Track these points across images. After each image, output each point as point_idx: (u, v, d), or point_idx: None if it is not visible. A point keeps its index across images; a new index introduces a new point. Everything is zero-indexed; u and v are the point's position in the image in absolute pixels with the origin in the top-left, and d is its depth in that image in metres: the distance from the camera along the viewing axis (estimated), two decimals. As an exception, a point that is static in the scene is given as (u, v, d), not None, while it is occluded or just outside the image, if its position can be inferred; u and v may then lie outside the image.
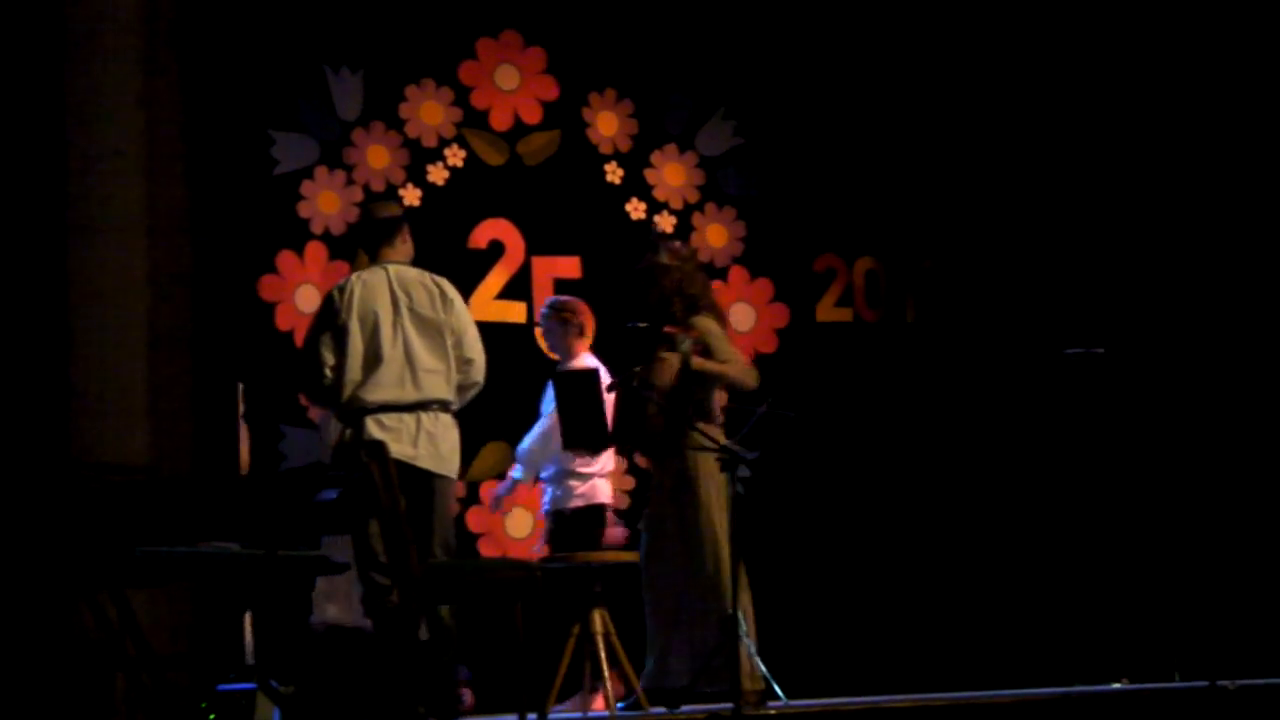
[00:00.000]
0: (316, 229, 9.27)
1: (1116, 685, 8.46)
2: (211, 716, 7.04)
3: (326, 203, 9.32)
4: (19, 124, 7.65)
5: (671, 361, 7.67)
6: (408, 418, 7.04)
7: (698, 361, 7.63)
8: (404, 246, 7.34)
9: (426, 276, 7.23)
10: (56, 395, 7.49)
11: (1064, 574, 9.77)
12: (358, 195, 9.34)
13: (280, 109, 9.29)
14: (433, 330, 7.12)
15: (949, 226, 10.21)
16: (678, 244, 8.19)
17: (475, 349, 7.26)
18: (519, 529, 9.39)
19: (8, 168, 7.60)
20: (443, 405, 7.12)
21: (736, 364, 7.80)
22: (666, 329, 7.78)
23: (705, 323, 7.83)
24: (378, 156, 9.44)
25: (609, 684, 8.17)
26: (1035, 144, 10.28)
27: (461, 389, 7.22)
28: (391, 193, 9.41)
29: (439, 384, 7.12)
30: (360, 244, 7.56)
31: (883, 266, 10.14)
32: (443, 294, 7.19)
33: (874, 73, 10.18)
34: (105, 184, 7.81)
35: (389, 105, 9.50)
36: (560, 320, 8.44)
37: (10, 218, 7.58)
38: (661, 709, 7.95)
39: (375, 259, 7.27)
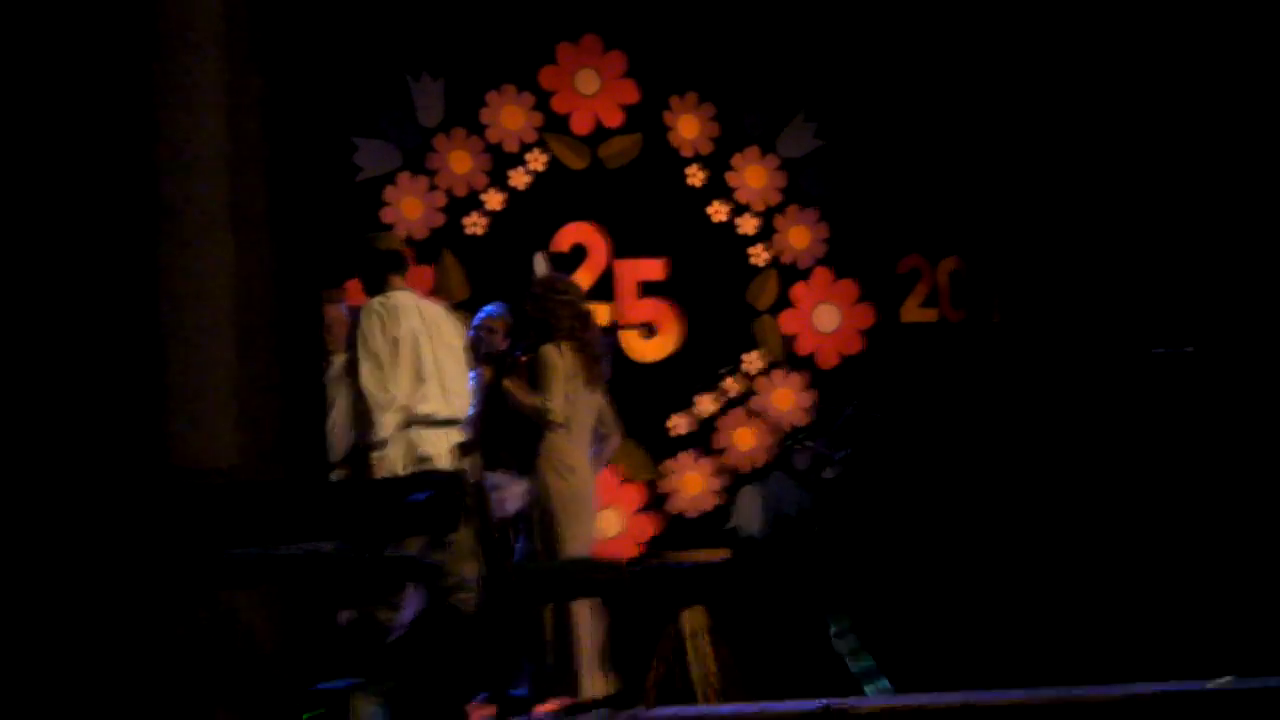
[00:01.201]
0: (399, 234, 9.22)
1: (1221, 681, 8.36)
2: (307, 717, 7.12)
3: (409, 209, 9.41)
4: (107, 125, 7.60)
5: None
6: (442, 432, 7.41)
7: (506, 382, 7.78)
8: (405, 277, 7.80)
9: (444, 307, 7.83)
10: (149, 399, 7.39)
11: (1165, 569, 9.59)
12: (440, 201, 9.45)
13: (362, 116, 9.37)
14: (457, 357, 7.56)
15: (1035, 225, 10.13)
16: (556, 276, 8.30)
17: None
18: (609, 529, 9.34)
19: (96, 168, 7.54)
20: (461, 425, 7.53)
21: (538, 400, 7.93)
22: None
23: (547, 352, 7.96)
24: (460, 162, 9.51)
25: (707, 683, 8.27)
26: (1124, 140, 10.17)
27: None
28: (474, 198, 9.48)
29: (464, 405, 7.57)
30: (366, 272, 7.84)
31: (968, 266, 10.08)
32: (458, 328, 7.72)
33: (956, 70, 10.14)
34: (191, 188, 7.62)
35: (470, 111, 9.55)
36: (488, 330, 8.45)
37: (100, 220, 7.60)
38: (755, 707, 8.04)
39: (384, 286, 7.65)
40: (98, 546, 6.60)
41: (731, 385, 9.76)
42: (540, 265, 8.89)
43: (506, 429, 8.07)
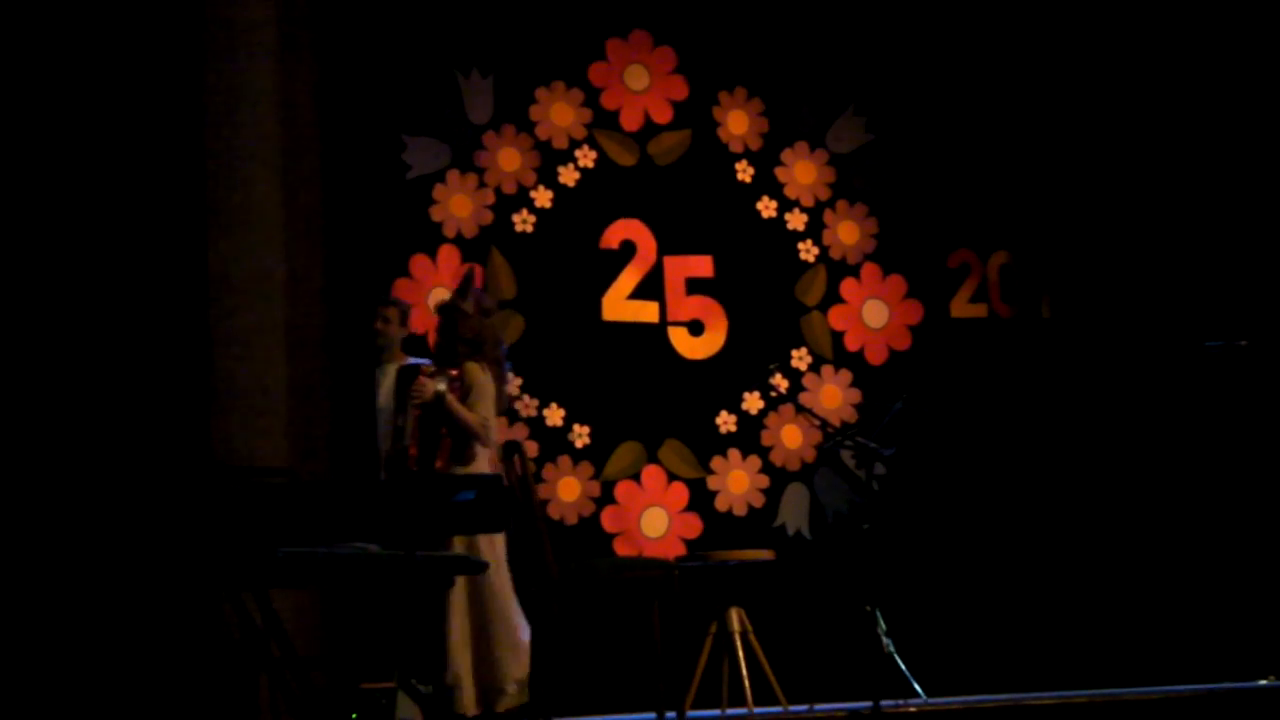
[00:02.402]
0: (449, 233, 9.37)
1: (1264, 682, 8.40)
2: (354, 716, 7.17)
3: (459, 206, 9.42)
4: (160, 128, 7.78)
5: (428, 387, 7.89)
6: None
7: (450, 399, 7.80)
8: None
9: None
10: (199, 398, 7.59)
11: (1211, 569, 9.66)
12: (490, 199, 9.46)
13: (412, 114, 9.39)
14: None
15: (1085, 219, 10.12)
16: (484, 295, 8.30)
17: None
18: (654, 529, 9.43)
19: (150, 171, 7.73)
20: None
21: (479, 419, 7.94)
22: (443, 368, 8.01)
23: (475, 371, 7.95)
24: (509, 159, 9.52)
25: (748, 685, 8.22)
26: (1176, 134, 10.18)
27: None
28: (523, 195, 9.49)
29: None
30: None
31: (1017, 261, 10.08)
32: None
33: (1006, 65, 10.14)
34: (242, 189, 7.93)
35: (519, 108, 9.58)
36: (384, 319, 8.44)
37: (153, 221, 7.71)
38: (803, 707, 8.08)
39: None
40: (151, 542, 6.53)
41: (780, 382, 9.74)
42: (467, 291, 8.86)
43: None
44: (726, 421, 9.64)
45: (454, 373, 7.85)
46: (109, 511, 6.78)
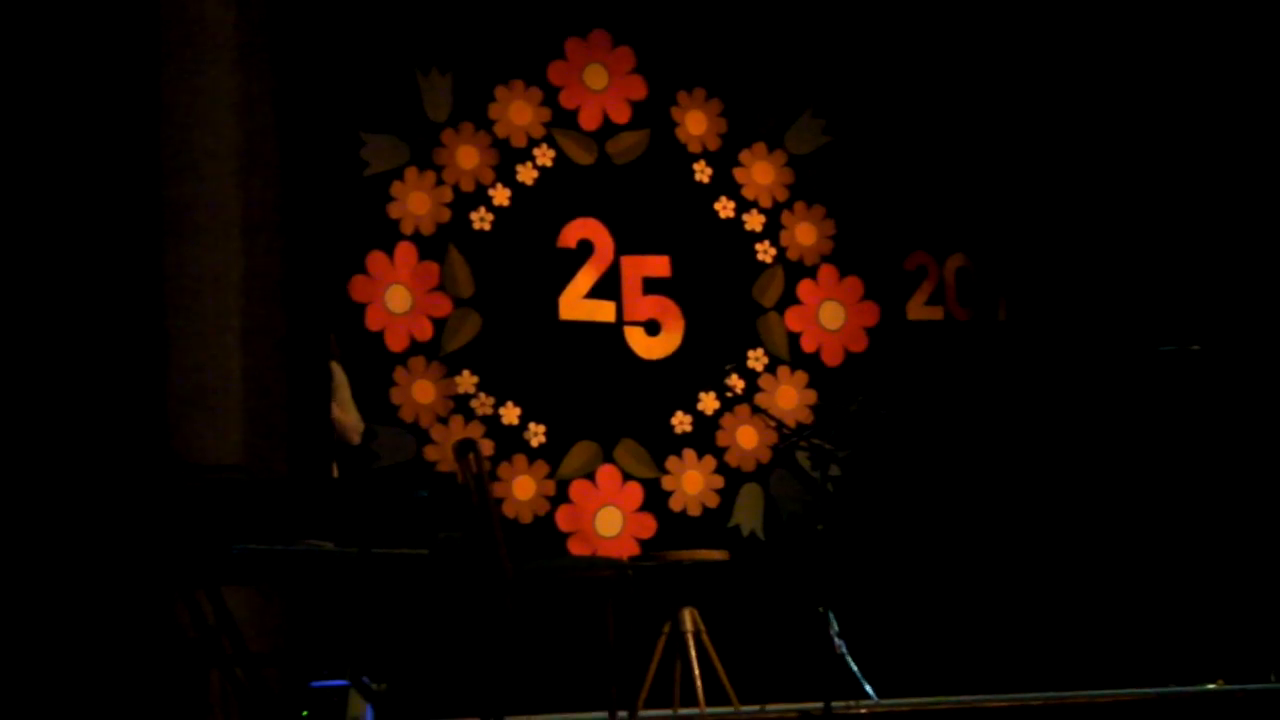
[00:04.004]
0: (406, 230, 9.38)
1: (1212, 686, 8.44)
2: (305, 714, 7.16)
3: (416, 204, 9.43)
4: (115, 126, 7.69)
5: None
6: None
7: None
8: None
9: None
10: (154, 395, 7.51)
11: (1159, 572, 9.70)
12: (447, 196, 9.46)
13: (370, 111, 9.39)
14: None
15: (1041, 222, 10.16)
16: None
17: None
18: (609, 528, 9.46)
19: (104, 169, 7.65)
20: None
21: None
22: None
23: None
24: (467, 157, 9.52)
25: (700, 686, 8.25)
26: (1130, 138, 10.22)
27: None
28: (481, 193, 9.49)
29: None
30: None
31: (974, 264, 10.10)
32: None
33: (964, 67, 10.17)
34: (198, 186, 7.81)
35: (478, 106, 9.58)
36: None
37: (107, 220, 7.63)
38: (755, 707, 8.11)
39: None
40: (104, 539, 6.56)
41: (735, 383, 9.74)
42: None
43: None
44: (682, 422, 9.66)
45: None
46: (60, 508, 6.83)
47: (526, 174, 9.61)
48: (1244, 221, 10.25)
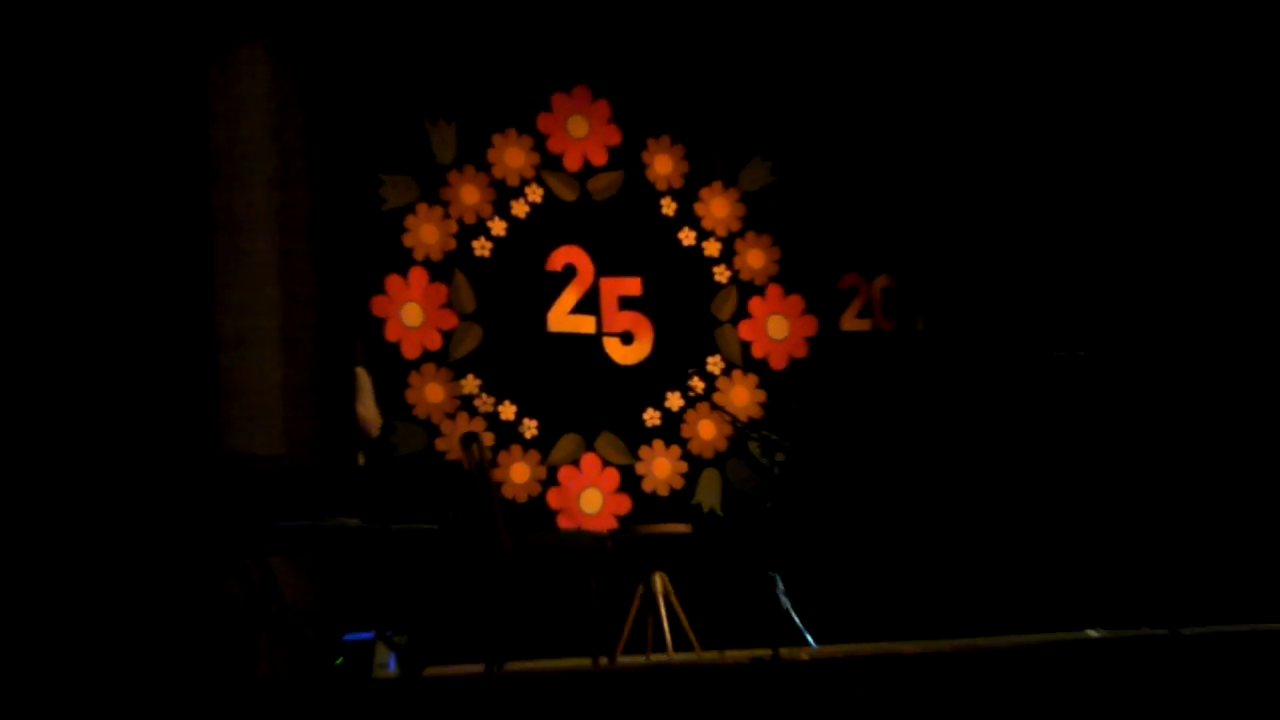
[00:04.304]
0: (418, 256, 9.37)
1: (1091, 633, 8.41)
2: (339, 661, 7.20)
3: (427, 234, 9.41)
4: (174, 170, 7.63)
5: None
6: None
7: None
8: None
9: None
10: (210, 399, 7.53)
11: (1050, 537, 9.65)
12: (453, 228, 9.44)
13: (387, 154, 9.38)
14: None
15: (953, 247, 10.12)
16: None
17: None
18: (591, 506, 9.47)
19: (165, 206, 7.59)
20: None
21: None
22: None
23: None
24: (469, 194, 9.52)
25: (669, 637, 8.29)
26: (1025, 177, 10.20)
27: None
28: (481, 225, 9.48)
29: None
30: None
31: (897, 283, 10.11)
32: None
33: (889, 122, 10.12)
34: (244, 219, 7.84)
35: (478, 151, 9.57)
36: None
37: (170, 248, 7.60)
38: (715, 653, 8.14)
39: None
40: (171, 520, 6.64)
41: (697, 384, 9.78)
42: None
43: None
44: (652, 417, 9.66)
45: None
46: (134, 494, 6.76)
47: (520, 208, 9.60)
48: (1122, 250, 10.24)
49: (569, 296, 9.65)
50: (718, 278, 9.95)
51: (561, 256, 9.68)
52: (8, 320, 7.05)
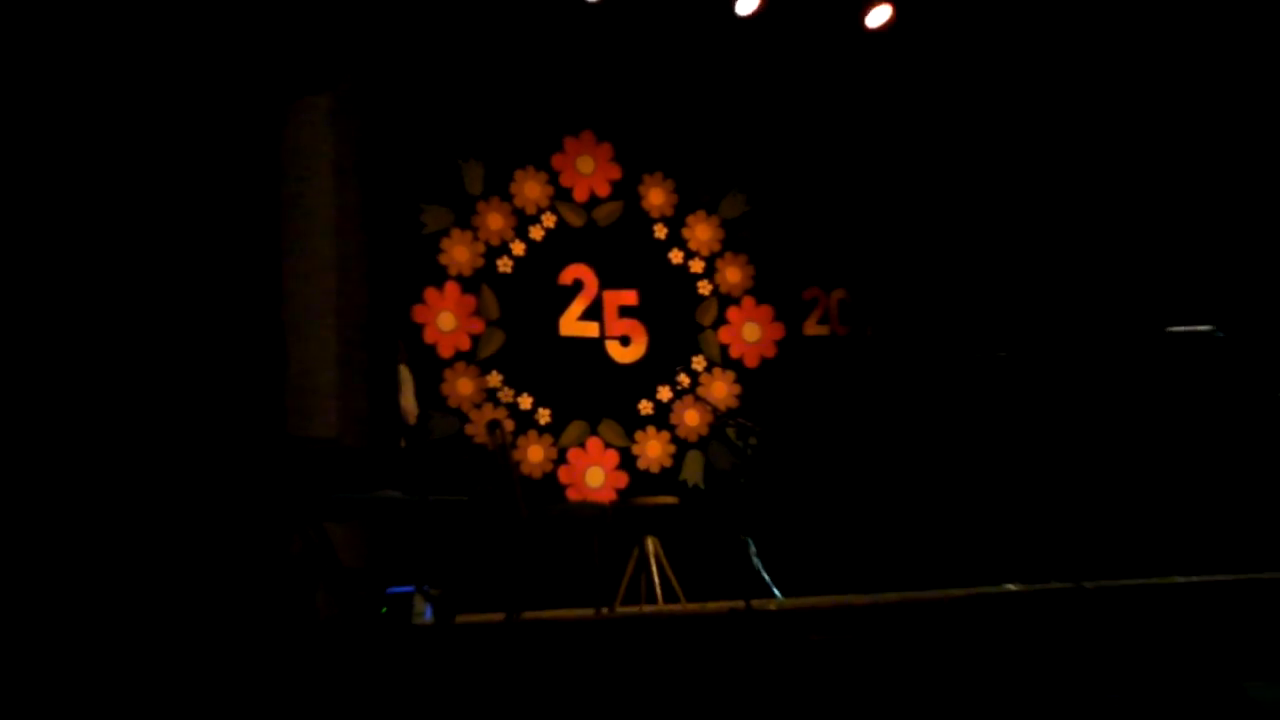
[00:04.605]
0: (452, 272, 9.44)
1: (1010, 587, 8.13)
2: (384, 610, 7.20)
3: (459, 254, 9.47)
4: (252, 198, 7.45)
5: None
6: None
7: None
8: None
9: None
10: (277, 391, 7.50)
11: (980, 508, 9.55)
12: (481, 249, 9.48)
13: (427, 188, 9.42)
14: None
15: (898, 268, 10.11)
16: None
17: None
18: (595, 481, 9.51)
19: (248, 230, 7.41)
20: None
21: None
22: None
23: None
24: (495, 221, 9.57)
25: (659, 591, 8.30)
26: (956, 216, 10.16)
27: None
28: (505, 246, 9.51)
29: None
30: None
31: (851, 296, 10.11)
32: None
33: (843, 163, 10.10)
34: (309, 240, 7.82)
35: (502, 184, 9.63)
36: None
37: (249, 265, 7.45)
38: (697, 604, 8.04)
39: None
40: (246, 493, 6.65)
41: (684, 379, 9.82)
42: None
43: None
44: (645, 407, 9.70)
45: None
46: (220, 469, 6.75)
47: (536, 233, 9.66)
48: (1035, 271, 10.16)
49: (577, 306, 9.69)
50: (701, 290, 9.96)
51: (571, 273, 9.71)
52: (140, 332, 6.97)
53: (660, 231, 9.96)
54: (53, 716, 5.55)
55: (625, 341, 9.79)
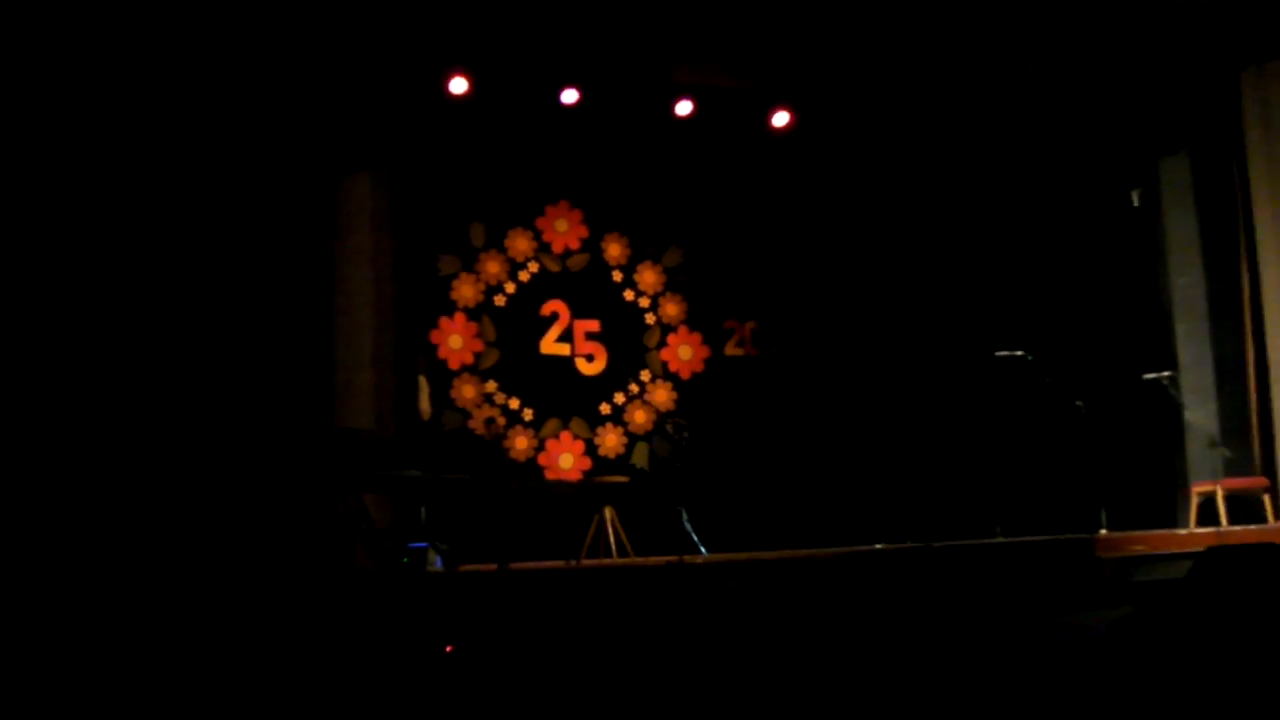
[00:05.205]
0: (460, 305, 9.31)
1: (877, 546, 8.11)
2: (405, 560, 7.04)
3: (466, 292, 9.35)
4: (305, 263, 7.31)
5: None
6: None
7: None
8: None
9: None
10: (327, 393, 7.47)
11: (855, 484, 9.52)
12: (483, 288, 9.36)
13: (441, 241, 9.29)
14: None
15: (798, 307, 10.08)
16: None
17: None
18: (566, 464, 9.40)
19: (303, 269, 7.29)
20: None
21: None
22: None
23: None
24: (493, 267, 9.45)
25: (614, 548, 8.26)
26: (841, 269, 10.13)
27: None
28: (500, 286, 9.39)
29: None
30: None
31: (761, 326, 10.02)
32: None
33: (755, 228, 10.02)
34: (351, 281, 7.76)
35: (499, 240, 9.50)
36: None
37: (304, 296, 7.33)
38: (642, 559, 7.96)
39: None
40: (302, 470, 6.55)
41: (634, 388, 9.72)
42: None
43: None
44: (605, 408, 9.62)
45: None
46: (283, 453, 6.74)
47: (524, 276, 9.52)
48: (901, 306, 10.18)
49: (554, 331, 9.58)
50: (648, 321, 9.88)
51: (550, 306, 9.60)
52: (232, 352, 6.89)
53: (617, 276, 9.87)
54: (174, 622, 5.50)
55: (590, 359, 9.69)
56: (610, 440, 9.62)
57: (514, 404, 9.43)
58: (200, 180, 6.92)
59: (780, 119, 9.36)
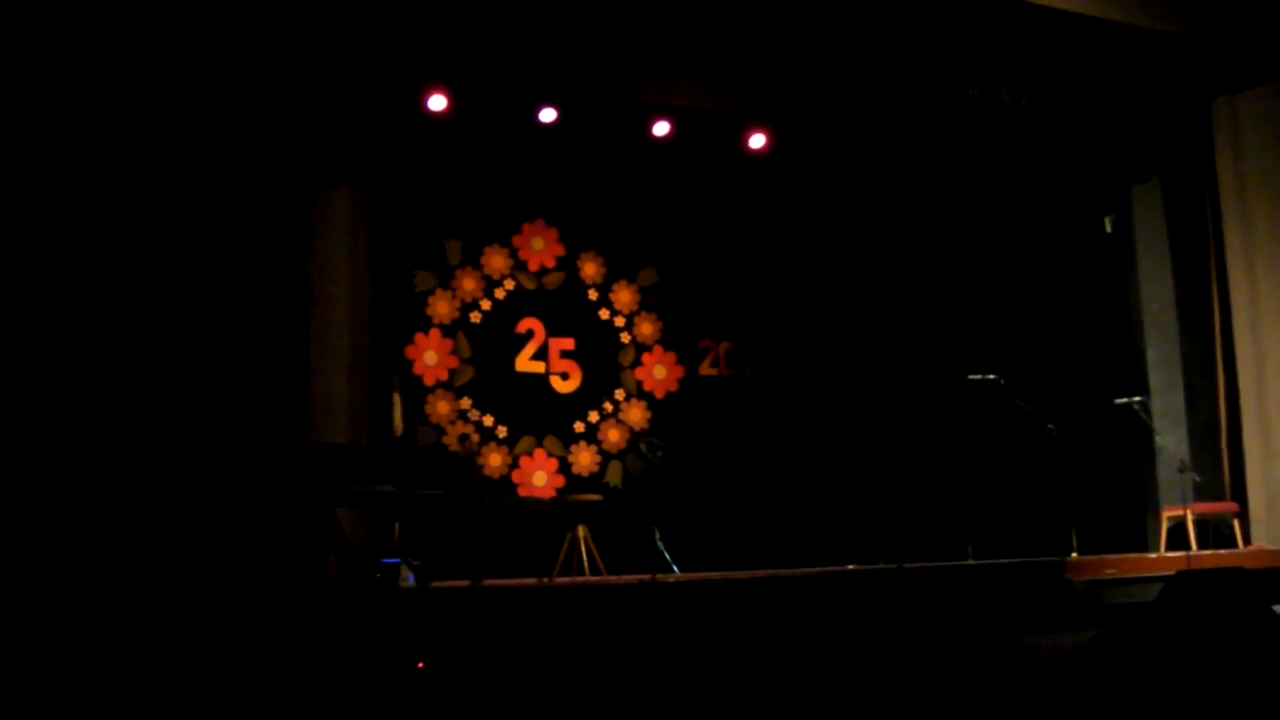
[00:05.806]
0: (435, 321, 9.29)
1: (851, 566, 8.18)
2: (378, 575, 6.99)
3: (441, 309, 9.33)
4: (283, 274, 7.29)
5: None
6: None
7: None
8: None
9: None
10: (301, 408, 7.38)
11: (827, 505, 9.54)
12: (458, 304, 9.35)
13: (418, 258, 9.28)
14: None
15: (771, 328, 10.13)
16: None
17: None
18: (540, 482, 9.39)
19: (280, 286, 7.24)
20: None
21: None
22: None
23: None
24: (469, 284, 9.43)
25: (586, 566, 8.26)
26: (812, 293, 10.22)
27: None
28: (476, 303, 9.38)
29: None
30: None
31: (735, 346, 10.06)
32: None
33: (730, 248, 10.07)
34: (328, 298, 7.70)
35: (475, 257, 9.49)
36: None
37: (280, 314, 7.29)
38: (615, 577, 7.93)
39: None
40: (275, 484, 6.53)
41: (608, 406, 9.73)
42: None
43: None
44: (579, 426, 9.62)
45: None
46: (258, 466, 6.70)
47: (500, 293, 9.50)
48: (876, 329, 10.26)
49: (529, 349, 9.57)
50: (622, 340, 9.88)
51: (525, 324, 9.58)
52: (207, 367, 6.84)
53: (593, 295, 9.87)
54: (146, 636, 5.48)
55: (565, 376, 9.68)
56: (584, 458, 9.59)
57: (488, 421, 9.40)
58: (176, 192, 6.90)
59: (757, 141, 9.42)
